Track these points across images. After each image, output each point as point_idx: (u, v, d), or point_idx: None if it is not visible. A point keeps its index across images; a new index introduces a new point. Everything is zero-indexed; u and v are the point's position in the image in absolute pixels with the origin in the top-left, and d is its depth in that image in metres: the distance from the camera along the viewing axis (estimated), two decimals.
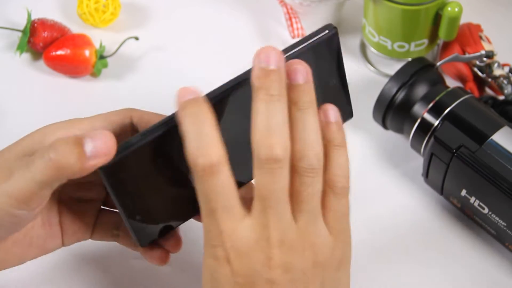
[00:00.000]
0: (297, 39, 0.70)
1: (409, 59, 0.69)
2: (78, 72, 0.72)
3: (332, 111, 0.46)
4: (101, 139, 0.43)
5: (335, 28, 0.48)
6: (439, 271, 0.61)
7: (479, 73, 0.68)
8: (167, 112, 0.49)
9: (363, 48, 0.74)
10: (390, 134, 0.68)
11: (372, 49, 0.72)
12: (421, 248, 0.62)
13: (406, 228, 0.63)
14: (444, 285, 0.60)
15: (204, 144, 0.42)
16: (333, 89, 0.51)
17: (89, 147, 0.43)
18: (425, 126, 0.61)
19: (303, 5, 0.71)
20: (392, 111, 0.64)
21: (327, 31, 0.47)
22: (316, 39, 0.47)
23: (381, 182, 0.66)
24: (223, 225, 0.43)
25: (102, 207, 0.55)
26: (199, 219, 0.49)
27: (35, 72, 0.74)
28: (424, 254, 0.62)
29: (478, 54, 0.66)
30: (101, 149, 0.43)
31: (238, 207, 0.43)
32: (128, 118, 0.48)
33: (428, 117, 0.61)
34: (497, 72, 0.67)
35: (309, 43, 0.47)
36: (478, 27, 0.70)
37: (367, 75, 0.73)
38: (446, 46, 0.70)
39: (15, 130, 0.53)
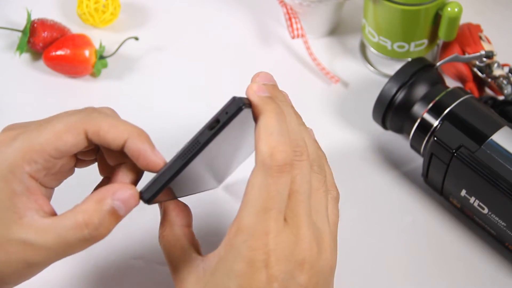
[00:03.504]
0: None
1: (409, 59, 0.69)
2: (78, 72, 0.72)
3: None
4: (128, 197, 0.46)
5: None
6: (439, 271, 0.61)
7: (479, 73, 0.68)
8: (168, 111, 0.49)
9: (363, 48, 0.74)
10: (390, 134, 0.68)
11: (372, 49, 0.72)
12: (421, 248, 0.62)
13: (406, 228, 0.63)
14: (444, 285, 0.60)
15: (285, 141, 0.43)
16: None
17: (121, 210, 0.45)
18: (425, 126, 0.61)
19: (303, 5, 0.71)
20: (392, 111, 0.64)
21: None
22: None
23: (381, 182, 0.66)
24: (272, 226, 0.42)
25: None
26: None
27: (35, 72, 0.74)
28: (424, 254, 0.62)
29: (478, 54, 0.66)
30: (130, 205, 0.46)
31: (284, 212, 0.43)
32: (82, 134, 0.46)
33: (428, 117, 0.61)
34: (497, 72, 0.67)
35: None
36: (478, 27, 0.70)
37: (367, 75, 0.73)
38: (446, 46, 0.70)
39: None
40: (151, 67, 0.74)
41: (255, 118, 0.45)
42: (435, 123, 0.61)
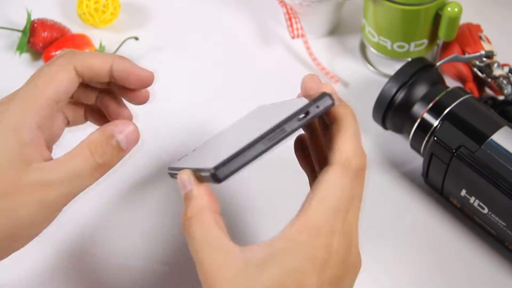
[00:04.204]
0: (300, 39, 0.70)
1: (409, 59, 0.69)
2: None
3: None
4: (130, 131, 0.48)
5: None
6: (439, 271, 0.61)
7: (479, 73, 0.68)
8: (168, 111, 0.50)
9: (363, 48, 0.74)
10: (390, 134, 0.68)
11: (372, 49, 0.72)
12: (421, 248, 0.62)
13: (406, 228, 0.63)
14: (444, 285, 0.60)
15: (362, 147, 0.45)
16: None
17: (124, 144, 0.48)
18: (425, 126, 0.61)
19: (303, 5, 0.71)
20: (392, 111, 0.64)
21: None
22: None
23: (381, 182, 0.66)
24: (338, 227, 0.43)
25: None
26: None
27: None
28: (424, 254, 0.62)
29: (478, 54, 0.66)
30: (132, 140, 0.48)
31: None
32: (72, 71, 0.48)
33: (428, 117, 0.61)
34: (497, 72, 0.67)
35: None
36: (478, 27, 0.70)
37: (367, 75, 0.73)
38: (446, 46, 0.70)
39: None
40: (151, 67, 0.74)
41: (332, 117, 0.46)
42: (435, 123, 0.61)
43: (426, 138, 0.61)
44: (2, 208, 0.45)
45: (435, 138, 0.59)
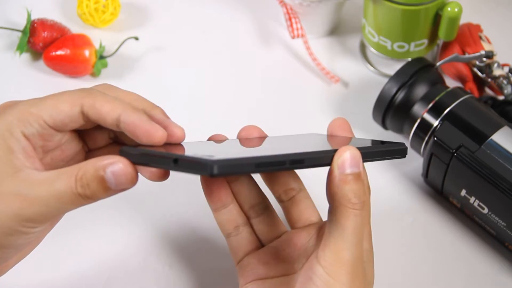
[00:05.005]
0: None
1: (409, 59, 0.69)
2: (78, 72, 0.72)
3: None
4: (122, 174, 0.44)
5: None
6: (439, 271, 0.61)
7: (479, 73, 0.68)
8: (167, 111, 0.49)
9: (363, 48, 0.74)
10: (390, 134, 0.68)
11: (372, 49, 0.72)
12: (421, 248, 0.62)
13: (406, 228, 0.63)
14: (444, 285, 0.60)
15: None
16: None
17: (112, 183, 0.44)
18: (424, 126, 0.61)
19: (303, 5, 0.71)
20: (392, 111, 0.64)
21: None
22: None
23: (381, 183, 0.66)
24: (364, 252, 0.50)
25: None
26: None
27: (35, 72, 0.74)
28: (424, 254, 0.62)
29: (478, 54, 0.66)
30: (123, 183, 0.44)
31: None
32: (78, 106, 0.46)
33: (427, 117, 0.61)
34: (497, 72, 0.67)
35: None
36: (478, 27, 0.70)
37: (367, 75, 0.73)
38: (446, 46, 0.70)
39: None
40: (151, 67, 0.74)
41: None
42: (435, 123, 0.61)
43: (426, 138, 0.61)
44: None
45: (435, 138, 0.59)
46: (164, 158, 0.43)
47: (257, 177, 0.54)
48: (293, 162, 0.43)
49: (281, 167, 0.43)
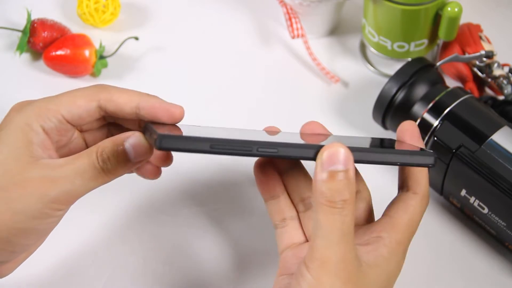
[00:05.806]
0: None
1: (409, 59, 0.69)
2: (78, 72, 0.72)
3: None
4: (140, 145, 0.47)
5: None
6: (438, 271, 0.61)
7: (479, 73, 0.68)
8: None
9: (363, 48, 0.74)
10: (390, 134, 0.68)
11: (372, 49, 0.72)
12: (421, 249, 0.62)
13: None
14: (444, 285, 0.60)
15: None
16: None
17: (131, 154, 0.47)
18: (425, 126, 0.61)
19: (303, 5, 0.71)
20: (392, 111, 0.64)
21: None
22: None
23: (381, 183, 0.65)
24: None
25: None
26: None
27: (35, 72, 0.74)
28: (424, 254, 0.61)
29: (478, 54, 0.66)
30: (141, 154, 0.47)
31: None
32: (95, 101, 0.49)
33: (428, 117, 0.61)
34: (497, 72, 0.67)
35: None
36: (478, 27, 0.70)
37: (367, 75, 0.73)
38: (446, 46, 0.70)
39: None
40: (151, 67, 0.74)
41: None
42: (435, 123, 0.61)
43: (426, 138, 0.61)
44: (1, 198, 0.46)
45: (435, 138, 0.59)
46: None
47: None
48: (260, 147, 0.43)
49: (245, 152, 0.43)
